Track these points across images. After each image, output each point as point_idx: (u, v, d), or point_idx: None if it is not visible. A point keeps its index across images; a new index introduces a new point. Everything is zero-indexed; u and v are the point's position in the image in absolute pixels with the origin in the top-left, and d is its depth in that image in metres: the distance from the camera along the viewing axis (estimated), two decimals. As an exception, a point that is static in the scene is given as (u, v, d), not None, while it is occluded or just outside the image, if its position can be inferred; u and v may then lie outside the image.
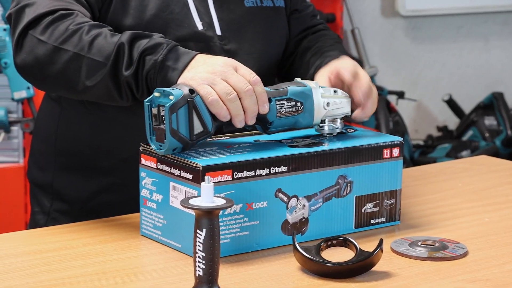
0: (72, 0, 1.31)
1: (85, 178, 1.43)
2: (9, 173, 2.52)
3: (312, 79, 1.39)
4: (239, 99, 1.18)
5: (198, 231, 1.04)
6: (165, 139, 1.16)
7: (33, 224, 1.49)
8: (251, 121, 1.20)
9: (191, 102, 1.15)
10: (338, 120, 1.29)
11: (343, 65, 1.34)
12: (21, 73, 1.32)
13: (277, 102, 1.22)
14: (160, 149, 1.17)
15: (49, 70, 1.27)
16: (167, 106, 1.14)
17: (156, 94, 1.16)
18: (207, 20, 1.40)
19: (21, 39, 1.28)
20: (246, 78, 1.18)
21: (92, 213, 1.40)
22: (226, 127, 1.23)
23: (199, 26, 1.38)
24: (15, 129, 2.55)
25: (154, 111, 1.17)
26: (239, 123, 1.19)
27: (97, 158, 1.42)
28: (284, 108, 1.24)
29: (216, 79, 1.17)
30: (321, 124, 1.29)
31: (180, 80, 1.20)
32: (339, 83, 1.33)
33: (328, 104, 1.27)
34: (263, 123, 1.23)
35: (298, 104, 1.25)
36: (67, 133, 1.44)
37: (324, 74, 1.34)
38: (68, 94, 1.33)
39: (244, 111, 1.18)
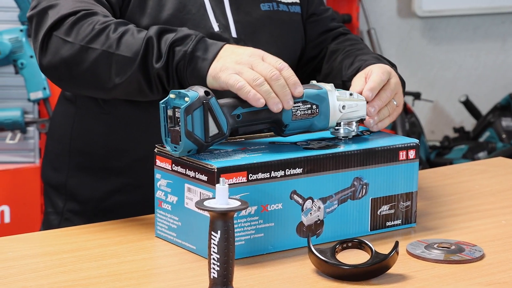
0: (93, 1, 1.32)
1: (98, 179, 1.43)
2: (25, 173, 2.54)
3: (346, 81, 1.39)
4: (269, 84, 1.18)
5: (213, 233, 1.03)
6: (180, 140, 1.15)
7: (46, 224, 1.49)
8: (287, 105, 1.19)
9: (206, 104, 1.15)
10: (354, 123, 1.28)
11: (378, 69, 1.33)
12: (47, 74, 1.32)
13: (293, 105, 1.22)
14: (175, 150, 1.17)
15: (77, 70, 1.27)
16: (182, 108, 1.14)
17: (171, 95, 1.16)
18: (223, 22, 1.40)
19: (46, 41, 1.28)
20: (272, 65, 1.19)
21: (105, 214, 1.40)
22: (241, 129, 1.23)
23: (215, 27, 1.38)
24: (31, 129, 2.56)
25: (170, 112, 1.17)
26: (275, 106, 1.18)
27: (110, 158, 1.42)
28: (300, 111, 1.23)
29: (243, 68, 1.19)
30: (336, 127, 1.28)
31: (210, 72, 1.21)
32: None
33: (343, 107, 1.26)
34: (278, 125, 1.23)
35: (314, 106, 1.24)
36: (82, 133, 1.44)
37: (362, 76, 1.33)
38: (96, 92, 1.33)
39: (277, 96, 1.19)
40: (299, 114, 1.22)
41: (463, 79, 3.93)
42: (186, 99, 1.15)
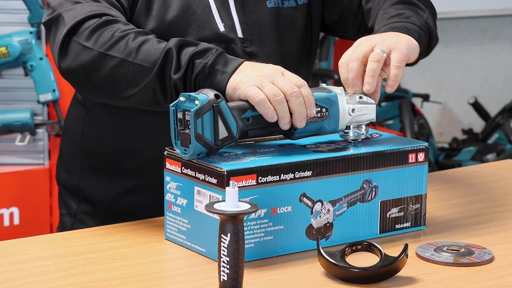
0: (109, 5, 1.32)
1: (110, 180, 1.44)
2: (34, 175, 2.54)
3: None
4: (286, 101, 1.19)
5: (222, 235, 1.04)
6: (190, 143, 1.16)
7: (61, 226, 1.51)
8: (301, 124, 1.21)
9: (216, 107, 1.16)
10: (363, 126, 1.28)
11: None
12: (66, 78, 1.32)
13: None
14: (185, 153, 1.18)
15: (95, 76, 1.27)
16: (192, 111, 1.14)
17: (181, 98, 1.17)
18: (228, 23, 1.40)
19: (65, 45, 1.29)
20: (292, 82, 1.20)
21: (117, 215, 1.40)
22: (251, 132, 1.24)
23: (221, 27, 1.39)
24: (41, 131, 2.56)
25: (180, 115, 1.17)
26: (285, 125, 1.20)
27: (121, 159, 1.43)
28: None
29: (264, 81, 1.19)
30: (346, 130, 1.28)
31: (229, 83, 1.22)
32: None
33: (353, 110, 1.26)
34: (287, 129, 1.23)
35: (323, 110, 1.24)
36: (92, 135, 1.45)
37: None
38: (112, 100, 1.33)
39: (291, 113, 1.20)
40: (308, 117, 1.23)
41: (472, 81, 3.92)
42: (196, 102, 1.15)
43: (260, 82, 1.19)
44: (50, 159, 2.57)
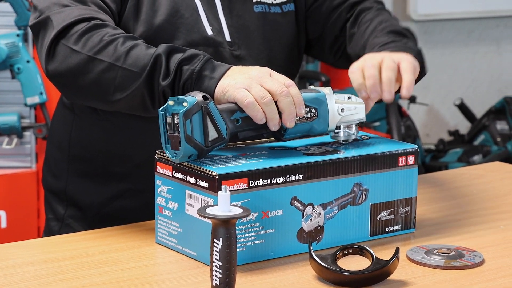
0: (97, 8, 1.32)
1: (98, 184, 1.43)
2: (21, 178, 2.53)
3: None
4: (276, 102, 1.19)
5: (215, 240, 1.04)
6: (180, 146, 1.16)
7: (47, 231, 1.49)
8: (291, 123, 1.21)
9: (205, 109, 1.16)
10: (353, 126, 1.29)
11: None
12: (53, 81, 1.32)
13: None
14: (176, 156, 1.17)
15: (83, 80, 1.27)
16: (181, 112, 1.14)
17: (170, 102, 1.17)
18: (216, 26, 1.40)
19: (53, 48, 1.28)
20: (281, 82, 1.20)
21: (106, 219, 1.40)
22: (241, 133, 1.24)
23: (209, 31, 1.39)
24: (28, 134, 2.55)
25: (169, 119, 1.17)
26: (274, 127, 1.20)
27: (110, 164, 1.42)
28: None
29: (252, 83, 1.19)
30: (336, 131, 1.28)
31: (218, 88, 1.22)
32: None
33: (342, 110, 1.27)
34: (277, 130, 1.23)
35: (313, 110, 1.24)
36: (80, 139, 1.44)
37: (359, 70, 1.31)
38: (99, 104, 1.33)
39: (281, 112, 1.20)
40: (298, 118, 1.23)
41: (458, 82, 3.94)
42: (185, 104, 1.15)
43: (248, 84, 1.19)
44: (37, 162, 2.56)
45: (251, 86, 1.19)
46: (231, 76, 1.22)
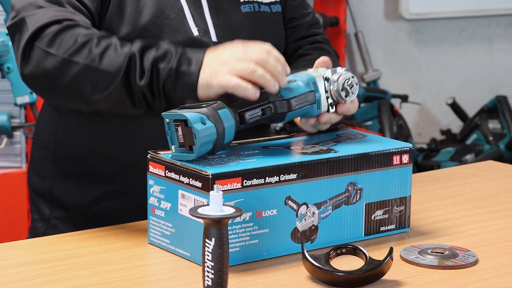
0: (73, 10, 1.31)
1: (84, 185, 1.42)
2: (11, 178, 2.51)
3: None
4: (261, 67, 1.19)
5: (207, 240, 1.02)
6: (195, 138, 1.14)
7: (33, 232, 1.48)
8: (283, 81, 1.21)
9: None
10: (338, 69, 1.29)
11: None
12: (29, 85, 1.31)
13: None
14: (191, 153, 1.16)
15: (59, 82, 1.26)
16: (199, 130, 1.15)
17: (167, 120, 1.17)
18: (202, 27, 1.39)
19: (28, 51, 1.27)
20: (257, 49, 1.21)
21: (92, 220, 1.39)
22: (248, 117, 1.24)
23: (195, 32, 1.38)
24: (18, 134, 2.54)
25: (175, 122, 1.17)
26: (273, 87, 1.21)
27: (96, 164, 1.41)
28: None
29: (231, 64, 1.20)
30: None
31: (200, 83, 1.22)
32: None
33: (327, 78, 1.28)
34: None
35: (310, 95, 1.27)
36: (66, 139, 1.43)
37: None
38: (78, 105, 1.32)
39: (271, 73, 1.20)
40: (299, 103, 1.24)
41: (450, 81, 3.94)
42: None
43: (228, 68, 1.19)
44: (27, 162, 2.54)
45: (230, 68, 1.19)
46: (209, 66, 1.22)
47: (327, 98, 1.28)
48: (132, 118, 1.35)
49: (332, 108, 1.28)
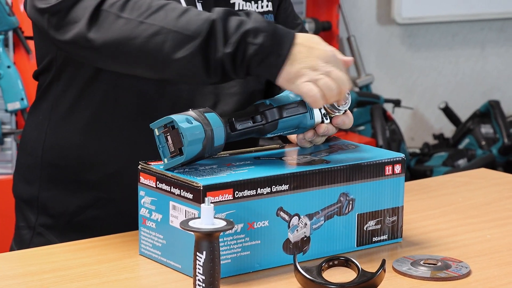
0: None
1: (71, 192, 1.40)
2: (2, 185, 2.49)
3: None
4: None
5: (198, 253, 1.02)
6: (183, 138, 1.13)
7: (18, 239, 1.46)
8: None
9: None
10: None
11: None
12: (96, 53, 1.24)
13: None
14: (178, 156, 1.15)
15: (130, 46, 1.20)
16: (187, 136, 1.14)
17: (156, 132, 1.16)
18: None
19: (95, 17, 1.21)
20: (343, 78, 1.21)
21: (78, 228, 1.37)
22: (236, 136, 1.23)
23: None
24: (8, 140, 2.52)
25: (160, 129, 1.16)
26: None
27: (83, 171, 1.39)
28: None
29: (318, 75, 1.19)
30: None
31: (283, 74, 1.19)
32: None
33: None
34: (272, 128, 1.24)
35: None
36: (54, 145, 1.42)
37: None
38: (148, 71, 1.26)
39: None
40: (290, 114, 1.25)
41: (443, 85, 3.94)
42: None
43: (314, 77, 1.18)
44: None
45: (317, 78, 1.18)
46: (298, 62, 1.19)
47: (320, 108, 1.27)
48: (117, 124, 1.33)
49: (327, 118, 1.27)
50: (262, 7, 1.45)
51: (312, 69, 1.19)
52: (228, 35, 1.18)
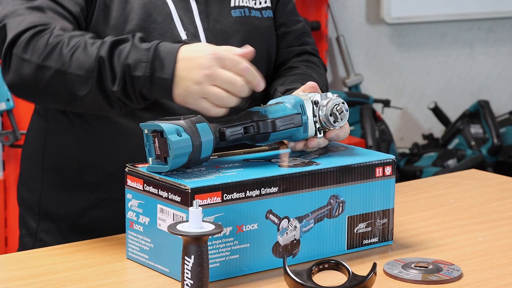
0: (55, 16, 1.28)
1: (72, 195, 1.40)
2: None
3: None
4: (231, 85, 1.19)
5: (186, 257, 1.00)
6: (169, 149, 1.12)
7: (21, 248, 1.46)
8: (260, 85, 1.21)
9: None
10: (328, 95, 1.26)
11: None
12: (12, 92, 1.31)
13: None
14: (164, 165, 1.13)
15: (36, 88, 1.25)
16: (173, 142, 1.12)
17: (145, 131, 1.15)
18: (192, 31, 1.37)
19: (7, 59, 1.27)
20: (233, 72, 1.18)
21: (81, 230, 1.37)
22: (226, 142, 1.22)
23: (183, 36, 1.36)
24: (-5, 141, 2.49)
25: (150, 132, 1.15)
26: (258, 88, 1.21)
27: (84, 173, 1.39)
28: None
29: (206, 88, 1.18)
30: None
31: (175, 98, 1.20)
32: None
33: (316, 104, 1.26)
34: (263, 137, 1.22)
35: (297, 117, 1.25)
36: (54, 149, 1.42)
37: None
38: (62, 106, 1.33)
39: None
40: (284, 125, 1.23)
41: (432, 85, 3.93)
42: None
43: (202, 92, 1.18)
44: (4, 170, 2.50)
45: (206, 93, 1.18)
46: (183, 81, 1.18)
47: (315, 122, 1.25)
48: (114, 124, 1.34)
49: (320, 133, 1.25)
50: (260, 3, 1.45)
51: (196, 84, 1.18)
52: (114, 72, 1.22)
